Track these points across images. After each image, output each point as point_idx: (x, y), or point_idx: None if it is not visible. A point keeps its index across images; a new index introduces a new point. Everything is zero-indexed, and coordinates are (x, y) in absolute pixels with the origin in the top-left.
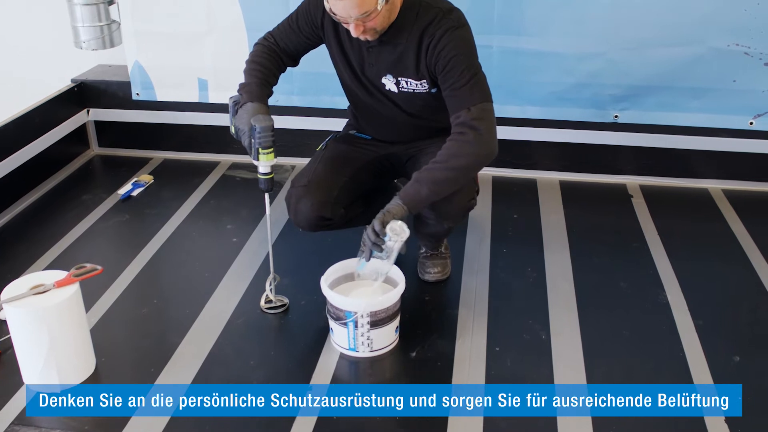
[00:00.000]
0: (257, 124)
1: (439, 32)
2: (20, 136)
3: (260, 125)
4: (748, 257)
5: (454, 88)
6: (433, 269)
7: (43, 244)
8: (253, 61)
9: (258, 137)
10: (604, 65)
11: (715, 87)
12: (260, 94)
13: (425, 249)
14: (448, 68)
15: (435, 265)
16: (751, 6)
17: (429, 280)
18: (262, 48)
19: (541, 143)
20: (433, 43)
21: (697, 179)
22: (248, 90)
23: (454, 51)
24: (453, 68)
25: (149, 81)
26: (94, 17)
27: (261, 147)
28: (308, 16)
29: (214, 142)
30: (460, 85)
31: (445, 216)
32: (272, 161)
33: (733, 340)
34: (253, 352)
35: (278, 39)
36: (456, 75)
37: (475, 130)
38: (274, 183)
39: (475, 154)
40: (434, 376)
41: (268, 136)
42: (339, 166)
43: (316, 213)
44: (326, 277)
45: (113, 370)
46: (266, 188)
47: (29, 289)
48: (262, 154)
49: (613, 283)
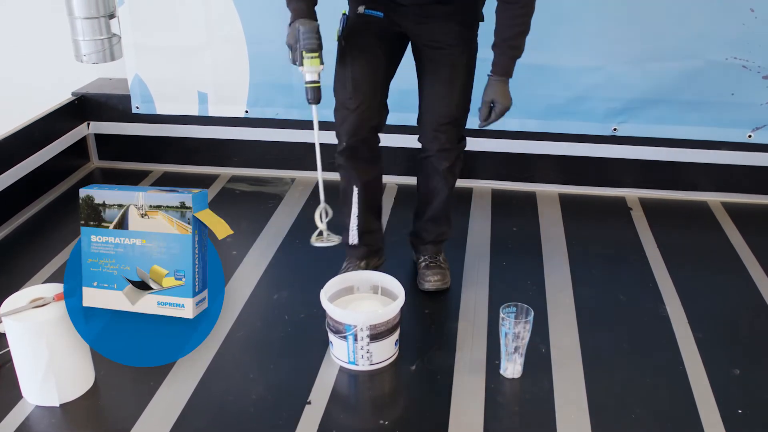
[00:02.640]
0: (301, 26)
1: None
2: (21, 149)
3: (304, 27)
4: (747, 270)
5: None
6: (433, 277)
7: (43, 257)
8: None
9: (302, 39)
10: (602, 79)
11: (714, 100)
12: (305, 8)
13: (423, 258)
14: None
15: (434, 273)
16: (749, 20)
17: (428, 288)
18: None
19: (540, 156)
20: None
21: (696, 192)
22: (293, 8)
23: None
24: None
25: (149, 94)
26: (95, 31)
27: (305, 49)
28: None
29: (214, 155)
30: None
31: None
32: (318, 67)
33: (732, 353)
34: (252, 366)
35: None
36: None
37: None
38: (321, 94)
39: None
40: (434, 389)
41: (311, 38)
42: (372, 69)
43: (369, 126)
44: (326, 290)
45: (112, 383)
46: (313, 99)
47: (29, 302)
48: (306, 58)
49: (613, 296)
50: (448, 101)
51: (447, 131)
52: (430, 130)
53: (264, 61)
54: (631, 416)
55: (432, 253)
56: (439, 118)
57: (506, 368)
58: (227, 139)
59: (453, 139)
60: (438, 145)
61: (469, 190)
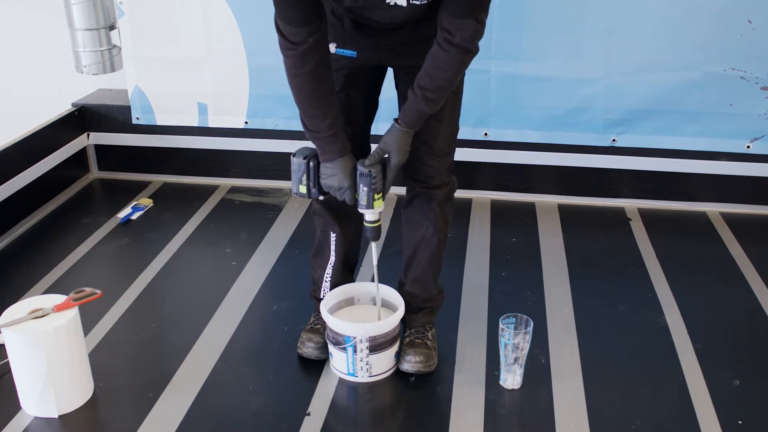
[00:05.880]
0: (371, 169)
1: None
2: (21, 159)
3: (374, 169)
4: (746, 280)
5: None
6: (415, 357)
7: (42, 268)
8: (311, 93)
9: (373, 182)
10: (601, 90)
11: (712, 111)
12: (343, 142)
13: (409, 332)
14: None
15: (417, 353)
16: (747, 31)
17: (407, 370)
18: (303, 64)
19: (539, 167)
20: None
21: (695, 202)
22: (339, 148)
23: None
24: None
25: (149, 105)
26: (95, 42)
27: (376, 192)
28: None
29: (213, 165)
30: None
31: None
32: (382, 207)
33: (733, 364)
34: (251, 377)
35: (303, 35)
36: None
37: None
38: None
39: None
40: (433, 401)
41: (381, 179)
42: (350, 120)
43: None
44: (326, 301)
45: (111, 394)
46: (376, 237)
47: (28, 313)
48: (376, 200)
49: (612, 306)
50: (436, 132)
51: (436, 164)
52: (417, 164)
53: (264, 73)
54: (631, 427)
55: (419, 326)
56: (426, 150)
57: (506, 379)
58: (227, 150)
59: (443, 173)
60: (426, 180)
61: (469, 200)
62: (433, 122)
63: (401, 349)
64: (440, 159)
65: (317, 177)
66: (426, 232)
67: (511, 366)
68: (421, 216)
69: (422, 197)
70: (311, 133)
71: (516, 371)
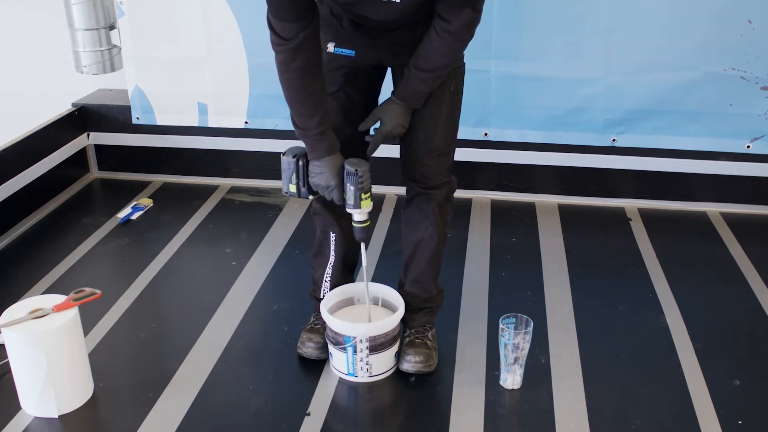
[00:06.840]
0: (357, 168)
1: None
2: (21, 159)
3: (362, 168)
4: (746, 280)
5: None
6: (415, 357)
7: (42, 268)
8: (301, 89)
9: (359, 179)
10: (601, 90)
11: (712, 111)
12: (332, 140)
13: (409, 332)
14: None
15: (417, 353)
16: (747, 31)
17: (407, 370)
18: (293, 59)
19: (539, 167)
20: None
21: (695, 202)
22: (326, 146)
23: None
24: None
25: (149, 105)
26: (95, 42)
27: (363, 191)
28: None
29: (213, 165)
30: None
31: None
32: (371, 207)
33: (732, 364)
34: (251, 377)
35: (296, 31)
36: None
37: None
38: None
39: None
40: (433, 401)
41: (368, 178)
42: (348, 120)
43: None
44: (326, 301)
45: (111, 394)
46: (366, 237)
47: (28, 313)
48: (364, 200)
49: (612, 306)
50: (434, 131)
51: (434, 164)
52: (415, 164)
53: (264, 73)
54: (631, 427)
55: (419, 326)
56: (424, 149)
57: (506, 379)
58: (227, 150)
59: (441, 173)
60: (424, 180)
61: (469, 200)
62: (431, 122)
63: (401, 349)
64: (438, 159)
65: (306, 176)
66: (425, 233)
67: (511, 366)
68: (420, 216)
69: (421, 197)
70: (300, 130)
71: (516, 371)
